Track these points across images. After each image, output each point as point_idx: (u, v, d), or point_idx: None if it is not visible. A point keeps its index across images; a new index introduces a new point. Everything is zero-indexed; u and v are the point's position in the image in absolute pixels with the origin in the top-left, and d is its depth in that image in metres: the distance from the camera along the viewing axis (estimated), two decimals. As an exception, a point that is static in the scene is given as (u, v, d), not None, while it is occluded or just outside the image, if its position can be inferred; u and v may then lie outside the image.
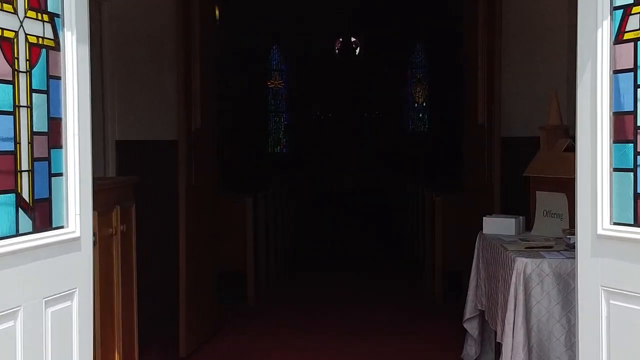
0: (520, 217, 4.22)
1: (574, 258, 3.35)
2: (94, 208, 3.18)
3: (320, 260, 9.28)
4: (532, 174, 4.20)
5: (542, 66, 5.21)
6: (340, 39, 20.64)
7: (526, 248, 3.62)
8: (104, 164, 5.06)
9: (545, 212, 4.09)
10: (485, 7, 4.86)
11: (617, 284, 2.49)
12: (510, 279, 3.42)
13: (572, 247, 3.58)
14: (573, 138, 4.19)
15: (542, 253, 3.51)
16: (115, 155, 5.14)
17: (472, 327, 4.39)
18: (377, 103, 20.31)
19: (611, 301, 2.52)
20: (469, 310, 4.35)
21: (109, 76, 5.06)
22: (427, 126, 20.66)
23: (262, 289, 6.83)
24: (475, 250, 4.34)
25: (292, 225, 10.02)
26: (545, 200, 4.09)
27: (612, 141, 2.52)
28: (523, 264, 3.38)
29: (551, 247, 3.66)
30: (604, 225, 2.53)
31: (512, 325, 3.37)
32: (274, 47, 20.53)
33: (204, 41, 4.99)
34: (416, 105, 20.95)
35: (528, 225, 4.27)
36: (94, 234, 3.21)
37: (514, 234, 4.11)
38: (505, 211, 4.73)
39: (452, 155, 10.58)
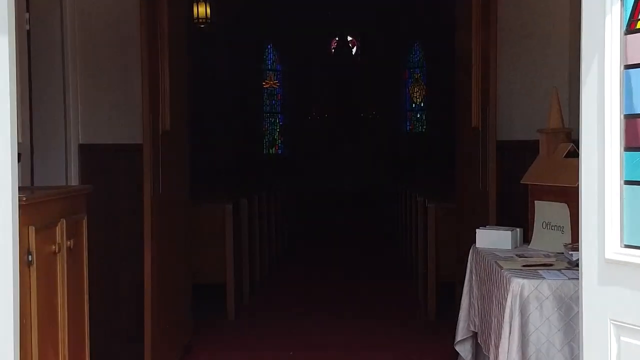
0: (517, 230, 3.83)
1: (578, 279, 2.99)
2: (31, 223, 2.82)
3: (310, 268, 8.88)
4: (530, 182, 3.80)
5: (541, 63, 4.84)
6: (337, 38, 20.26)
7: (523, 266, 3.23)
8: (66, 170, 4.68)
9: (544, 224, 3.70)
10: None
11: (630, 318, 2.10)
12: (505, 302, 3.03)
13: (574, 265, 3.19)
14: (575, 142, 3.82)
15: (540, 272, 3.11)
16: (79, 160, 4.76)
17: (464, 350, 4.00)
18: (374, 103, 19.92)
19: (622, 337, 2.13)
20: (460, 332, 3.95)
21: (72, 74, 4.68)
22: (424, 127, 20.28)
23: (243, 302, 6.43)
24: (468, 265, 3.96)
25: (283, 231, 9.64)
26: (544, 210, 3.70)
27: (622, 149, 2.12)
28: (519, 286, 2.99)
29: (551, 264, 3.27)
30: (614, 248, 2.13)
31: (506, 355, 2.98)
32: (269, 46, 20.15)
33: (174, 39, 4.60)
34: (414, 105, 20.57)
35: (526, 238, 3.88)
36: (30, 253, 2.84)
37: (510, 248, 3.72)
38: (502, 221, 4.34)
39: (450, 157, 10.20)
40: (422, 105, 20.46)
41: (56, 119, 4.64)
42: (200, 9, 14.14)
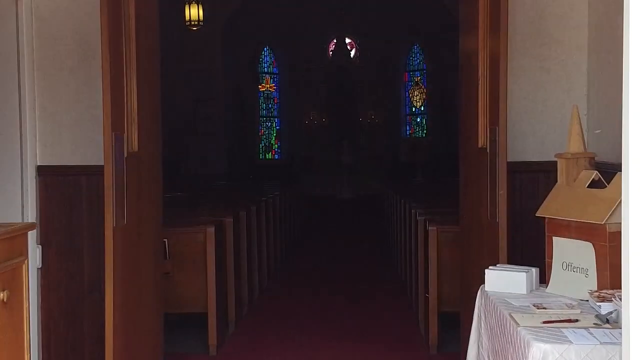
0: (533, 270, 3.31)
1: (611, 343, 2.49)
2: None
3: (303, 290, 8.31)
4: (548, 215, 3.28)
5: (556, 75, 4.34)
6: (335, 41, 19.78)
7: (543, 322, 2.71)
8: (22, 194, 4.18)
9: (565, 264, 3.18)
10: (487, 1, 3.93)
11: None
12: (524, 370, 2.52)
13: (604, 321, 2.68)
14: (599, 169, 3.31)
15: (565, 332, 2.59)
16: (37, 183, 4.26)
17: (471, 406, 3.48)
18: (373, 107, 19.45)
19: None
20: (467, 387, 3.44)
21: (28, 87, 4.19)
22: (425, 132, 19.79)
23: (229, 331, 5.91)
24: (476, 308, 3.43)
25: (276, 245, 9.14)
26: (565, 249, 3.18)
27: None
28: (541, 352, 2.47)
29: (577, 320, 2.75)
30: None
31: None
32: (265, 49, 19.67)
33: (143, 46, 4.08)
34: (414, 109, 20.07)
35: (542, 277, 3.36)
36: (-56, 316, 2.34)
37: (525, 293, 3.20)
38: (512, 254, 3.82)
39: (451, 161, 9.69)
40: (422, 109, 19.98)
41: (10, 138, 4.14)
42: (192, 11, 13.65)
